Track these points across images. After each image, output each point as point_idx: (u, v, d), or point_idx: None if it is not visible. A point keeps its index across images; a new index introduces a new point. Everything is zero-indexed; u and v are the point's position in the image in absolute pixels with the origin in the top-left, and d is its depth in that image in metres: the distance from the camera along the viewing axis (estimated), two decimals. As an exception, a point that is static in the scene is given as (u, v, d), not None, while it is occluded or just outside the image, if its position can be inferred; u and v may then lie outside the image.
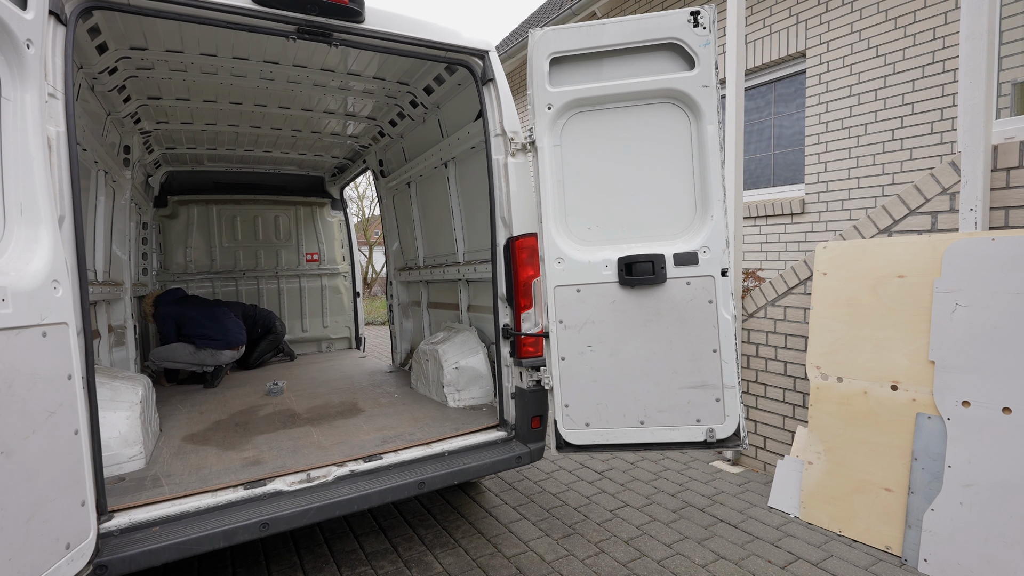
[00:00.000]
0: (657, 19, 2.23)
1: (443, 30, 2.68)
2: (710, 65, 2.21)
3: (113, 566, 1.77)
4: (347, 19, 2.38)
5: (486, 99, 2.76)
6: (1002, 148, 2.54)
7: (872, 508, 2.66)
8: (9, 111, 1.55)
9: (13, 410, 1.42)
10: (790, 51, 5.14)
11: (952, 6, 4.03)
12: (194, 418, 3.47)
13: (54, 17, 1.80)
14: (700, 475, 3.55)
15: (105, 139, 3.59)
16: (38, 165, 1.61)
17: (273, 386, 4.09)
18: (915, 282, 2.60)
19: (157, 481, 2.35)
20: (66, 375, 1.63)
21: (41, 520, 1.50)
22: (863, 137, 4.63)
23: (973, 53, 2.53)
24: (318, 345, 6.42)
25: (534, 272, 2.67)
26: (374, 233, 20.14)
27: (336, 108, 4.19)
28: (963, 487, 2.36)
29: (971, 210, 2.56)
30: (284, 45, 3.04)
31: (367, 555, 2.74)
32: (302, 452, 2.69)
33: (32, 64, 1.60)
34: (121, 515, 1.98)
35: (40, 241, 1.60)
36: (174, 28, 2.78)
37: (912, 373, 2.58)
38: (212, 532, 1.96)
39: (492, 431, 2.81)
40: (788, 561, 2.56)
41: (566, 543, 2.79)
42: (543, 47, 2.28)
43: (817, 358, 2.94)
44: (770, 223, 5.43)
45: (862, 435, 2.73)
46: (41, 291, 1.55)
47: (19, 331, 1.46)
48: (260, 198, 6.02)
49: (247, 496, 2.17)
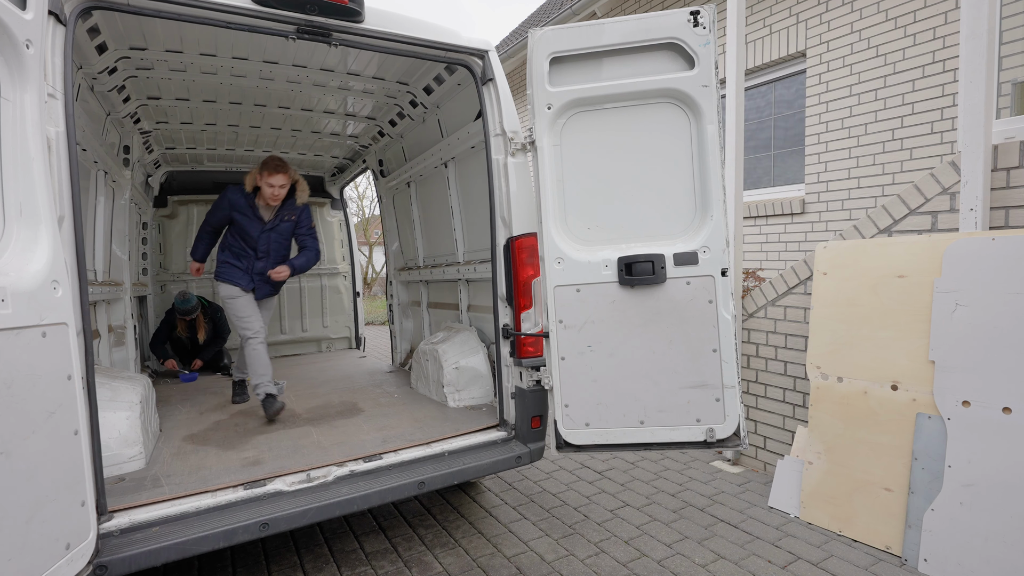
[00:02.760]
0: (657, 19, 2.23)
1: (443, 30, 2.68)
2: (710, 65, 2.21)
3: (113, 566, 1.77)
4: (347, 19, 2.38)
5: (486, 99, 2.76)
6: (1002, 148, 2.54)
7: (872, 508, 2.66)
8: (9, 111, 1.55)
9: (13, 410, 1.42)
10: (790, 51, 5.14)
11: (952, 6, 4.03)
12: (194, 418, 3.47)
13: (53, 17, 1.80)
14: (700, 475, 3.55)
15: (105, 139, 3.59)
16: (38, 165, 1.61)
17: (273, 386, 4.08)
18: (915, 282, 2.60)
19: (157, 481, 2.35)
20: (66, 375, 1.63)
21: (41, 520, 1.50)
22: (863, 137, 4.63)
23: (973, 53, 2.52)
24: (318, 345, 6.42)
25: (534, 272, 2.67)
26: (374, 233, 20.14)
27: (336, 108, 4.19)
28: (963, 487, 2.36)
29: (971, 210, 2.56)
30: (284, 45, 3.04)
31: (367, 555, 2.74)
32: (302, 452, 2.69)
33: (31, 64, 1.60)
34: (121, 515, 1.98)
35: (40, 241, 1.60)
36: (174, 28, 2.78)
37: (912, 373, 2.58)
38: (212, 532, 1.96)
39: (492, 431, 2.81)
40: (788, 561, 2.56)
41: (566, 543, 2.79)
42: (543, 47, 2.27)
43: (817, 358, 2.94)
44: (770, 223, 5.43)
45: (862, 435, 2.73)
46: (41, 291, 1.55)
47: (19, 331, 1.46)
48: None
49: (247, 496, 2.17)
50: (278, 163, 3.36)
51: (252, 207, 3.48)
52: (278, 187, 3.38)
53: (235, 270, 3.51)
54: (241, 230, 3.49)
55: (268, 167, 3.35)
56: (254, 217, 3.49)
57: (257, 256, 3.54)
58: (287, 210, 3.55)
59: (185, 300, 4.83)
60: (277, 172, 3.35)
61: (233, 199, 3.47)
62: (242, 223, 3.48)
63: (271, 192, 3.38)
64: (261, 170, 3.38)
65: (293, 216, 3.60)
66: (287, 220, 3.59)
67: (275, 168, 3.35)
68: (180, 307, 4.83)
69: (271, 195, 3.39)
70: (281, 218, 3.56)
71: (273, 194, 3.39)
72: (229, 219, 3.53)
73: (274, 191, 3.38)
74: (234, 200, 3.47)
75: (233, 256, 3.53)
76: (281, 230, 3.59)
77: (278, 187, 3.38)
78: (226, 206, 3.50)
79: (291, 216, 3.59)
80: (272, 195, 3.39)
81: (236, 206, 3.47)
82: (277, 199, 3.43)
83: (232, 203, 3.48)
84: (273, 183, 3.36)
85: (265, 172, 3.36)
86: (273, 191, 3.38)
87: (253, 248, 3.52)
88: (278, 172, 3.35)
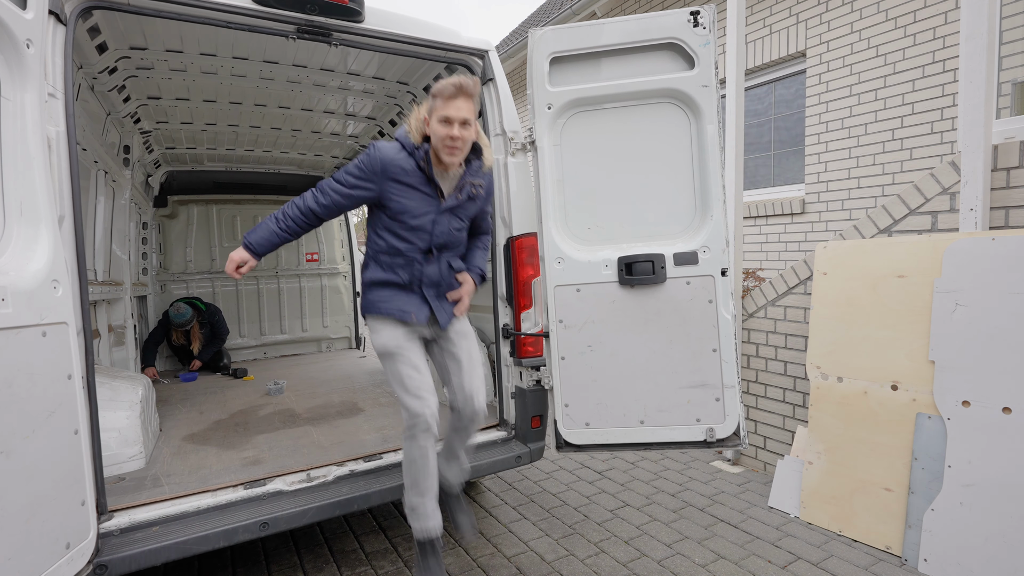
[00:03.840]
0: (657, 19, 2.23)
1: (443, 30, 2.68)
2: (710, 65, 2.21)
3: (113, 566, 1.77)
4: (347, 19, 2.38)
5: (486, 99, 2.76)
6: (1002, 148, 2.54)
7: (872, 508, 2.66)
8: (9, 111, 1.55)
9: (13, 410, 1.43)
10: (790, 51, 5.14)
11: (952, 6, 4.03)
12: (194, 418, 3.47)
13: (54, 17, 1.80)
14: (700, 475, 3.55)
15: (105, 139, 3.59)
16: (38, 165, 1.61)
17: (273, 386, 4.09)
18: (915, 282, 2.60)
19: (157, 481, 2.35)
20: (66, 375, 1.63)
21: (41, 520, 1.50)
22: (863, 137, 4.63)
23: (973, 53, 2.52)
24: (318, 345, 6.42)
25: (534, 272, 2.67)
26: (374, 233, 20.12)
27: (336, 108, 4.19)
28: (963, 487, 2.36)
29: (971, 210, 2.56)
30: (284, 45, 3.04)
31: (367, 555, 2.74)
32: (302, 452, 2.69)
33: (32, 64, 1.61)
34: (121, 515, 1.98)
35: (40, 241, 1.60)
36: (174, 28, 2.78)
37: (912, 373, 2.58)
38: (212, 532, 1.96)
39: (492, 431, 2.81)
40: (788, 561, 2.56)
41: (566, 543, 2.79)
42: (543, 47, 2.28)
43: (817, 358, 2.94)
44: (770, 223, 5.43)
45: (862, 435, 2.73)
46: (41, 291, 1.55)
47: (19, 331, 1.46)
48: (260, 198, 6.02)
49: (247, 496, 2.17)
50: (458, 84, 1.93)
51: (424, 173, 2.05)
52: (459, 124, 1.94)
53: (394, 292, 2.10)
54: (403, 214, 2.04)
55: (444, 92, 1.94)
56: (426, 192, 2.06)
57: (428, 257, 2.10)
58: (472, 174, 2.13)
59: (179, 314, 4.79)
60: (459, 96, 1.93)
61: (393, 161, 2.02)
62: (406, 202, 2.04)
63: (448, 138, 1.95)
64: (431, 99, 1.99)
65: (481, 187, 2.18)
66: (475, 194, 2.16)
67: (456, 91, 1.93)
68: (175, 320, 4.80)
69: (449, 143, 1.96)
70: (467, 191, 2.12)
71: (452, 140, 1.95)
72: (373, 201, 2.08)
73: (452, 133, 1.94)
74: (395, 162, 2.02)
75: (388, 267, 2.09)
76: (463, 211, 2.16)
77: (459, 124, 1.94)
78: (377, 174, 2.02)
79: (478, 187, 2.16)
80: (451, 143, 1.95)
81: (398, 173, 2.02)
82: (459, 150, 1.99)
83: (390, 168, 2.02)
84: (452, 115, 1.93)
85: (439, 100, 1.95)
86: (451, 133, 1.94)
87: (425, 244, 2.08)
88: (459, 96, 1.93)
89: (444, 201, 2.07)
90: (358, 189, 2.03)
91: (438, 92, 1.93)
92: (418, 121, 2.03)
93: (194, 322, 4.96)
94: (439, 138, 1.94)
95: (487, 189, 2.22)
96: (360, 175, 2.02)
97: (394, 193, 2.02)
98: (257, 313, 6.08)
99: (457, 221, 2.13)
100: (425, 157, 2.01)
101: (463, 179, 2.09)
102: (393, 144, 2.05)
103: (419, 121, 2.03)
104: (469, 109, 1.94)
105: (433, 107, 1.95)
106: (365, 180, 2.02)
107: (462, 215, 2.14)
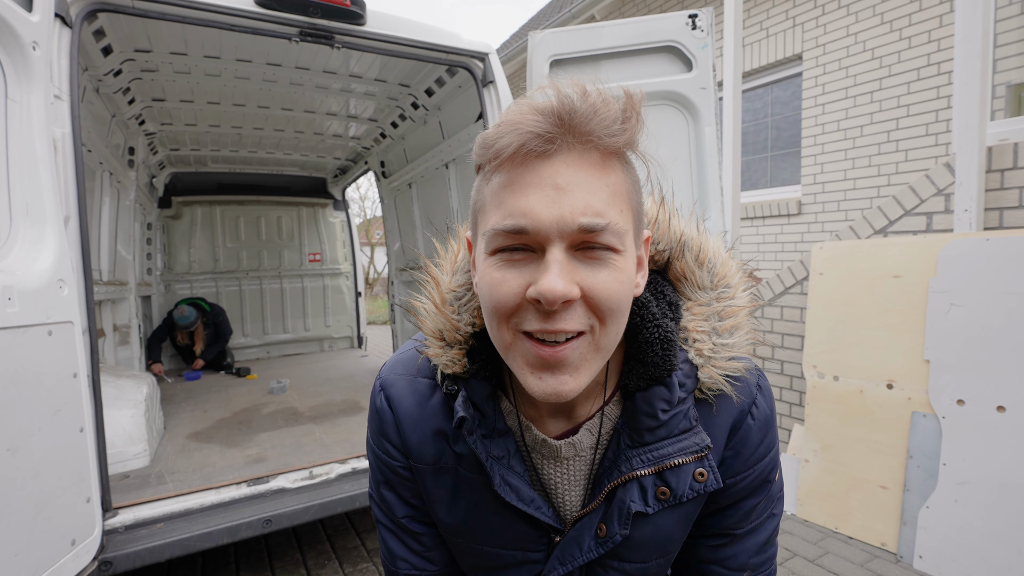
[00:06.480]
0: (655, 22, 2.26)
1: (444, 33, 2.71)
2: (708, 67, 2.24)
3: (118, 562, 1.79)
4: (349, 22, 2.41)
5: (486, 101, 2.78)
6: (996, 150, 2.57)
7: (868, 505, 2.68)
8: (15, 112, 1.57)
9: (19, 408, 1.44)
10: (787, 54, 5.17)
11: (947, 9, 4.06)
12: (198, 416, 3.49)
13: (60, 19, 1.82)
14: (698, 474, 3.57)
15: (110, 140, 3.62)
16: (44, 166, 1.63)
17: (276, 385, 4.11)
18: (910, 282, 2.62)
19: (161, 478, 2.38)
20: (71, 373, 1.65)
21: (47, 516, 1.51)
22: (859, 139, 4.66)
23: (968, 56, 2.55)
24: (320, 344, 6.45)
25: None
26: (376, 233, 20.17)
27: (338, 110, 4.22)
28: (958, 485, 2.38)
29: (966, 211, 2.59)
30: (287, 47, 3.06)
31: (369, 552, 2.76)
32: (305, 450, 2.71)
33: (38, 66, 1.63)
34: (126, 512, 2.00)
35: (46, 241, 1.62)
36: (178, 31, 2.80)
37: (907, 372, 2.60)
38: (216, 529, 1.98)
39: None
40: (784, 558, 2.58)
41: (565, 541, 2.81)
42: (543, 50, 2.30)
43: (814, 357, 2.96)
44: (767, 224, 5.45)
45: (858, 433, 2.75)
46: (47, 290, 1.57)
47: (25, 330, 1.48)
48: (263, 199, 6.05)
49: (250, 493, 2.19)
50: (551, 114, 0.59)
51: (513, 458, 0.75)
52: (564, 247, 0.58)
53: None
54: (466, 545, 0.81)
55: (502, 142, 0.58)
56: (517, 504, 0.73)
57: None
58: (675, 431, 0.74)
59: (183, 317, 4.81)
60: (556, 145, 0.59)
61: (416, 423, 0.78)
62: (464, 520, 0.79)
63: (533, 304, 0.59)
64: (478, 172, 0.65)
65: (708, 473, 0.73)
66: (683, 497, 0.73)
67: (546, 140, 0.58)
68: (179, 322, 4.82)
69: (542, 325, 0.59)
70: (638, 493, 0.73)
71: (546, 309, 0.58)
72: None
73: (545, 287, 0.56)
74: (418, 428, 0.78)
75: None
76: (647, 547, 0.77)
77: (564, 247, 0.58)
78: (393, 469, 0.82)
79: (694, 479, 0.73)
80: (546, 323, 0.59)
81: (428, 457, 0.79)
82: (574, 345, 0.60)
83: (413, 447, 0.79)
84: (539, 182, 0.58)
85: (506, 162, 0.59)
86: (544, 287, 0.56)
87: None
88: (558, 146, 0.59)
89: (568, 529, 0.78)
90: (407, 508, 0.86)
91: (489, 145, 0.61)
92: (454, 273, 0.80)
93: (198, 323, 4.99)
94: (504, 311, 0.61)
95: (747, 470, 0.80)
96: (379, 475, 0.86)
97: (436, 496, 0.81)
98: (260, 313, 6.11)
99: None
100: (491, 402, 0.75)
101: (624, 452, 0.75)
102: (407, 366, 0.83)
103: (459, 270, 0.80)
104: (600, 187, 0.60)
105: (482, 204, 0.65)
106: (387, 484, 0.86)
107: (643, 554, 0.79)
